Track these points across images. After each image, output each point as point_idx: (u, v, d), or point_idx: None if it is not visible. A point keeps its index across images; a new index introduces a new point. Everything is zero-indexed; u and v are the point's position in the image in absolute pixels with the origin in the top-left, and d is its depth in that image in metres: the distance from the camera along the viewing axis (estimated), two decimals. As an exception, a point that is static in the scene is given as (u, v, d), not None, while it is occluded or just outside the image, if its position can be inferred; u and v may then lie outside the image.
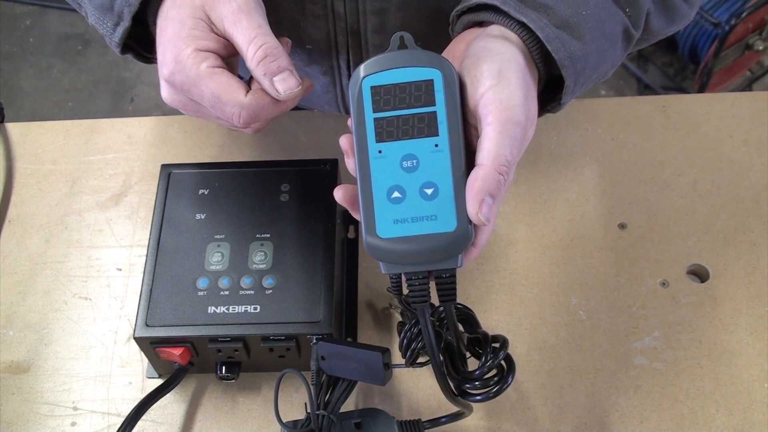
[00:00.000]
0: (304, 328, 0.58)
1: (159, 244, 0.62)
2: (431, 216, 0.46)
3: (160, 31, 0.52)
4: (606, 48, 0.53)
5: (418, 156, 0.46)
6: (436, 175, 0.46)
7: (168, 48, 0.50)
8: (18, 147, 0.79)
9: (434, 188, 0.46)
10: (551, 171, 0.75)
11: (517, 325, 0.67)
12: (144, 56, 0.59)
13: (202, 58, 0.50)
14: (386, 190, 0.46)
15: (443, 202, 0.46)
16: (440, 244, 0.45)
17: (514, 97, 0.46)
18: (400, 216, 0.46)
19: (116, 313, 0.68)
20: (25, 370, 0.65)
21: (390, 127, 0.47)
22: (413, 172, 0.46)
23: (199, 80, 0.49)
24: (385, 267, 0.47)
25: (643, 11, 0.55)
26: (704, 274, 0.69)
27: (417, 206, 0.46)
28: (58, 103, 2.04)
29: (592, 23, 0.51)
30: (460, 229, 0.45)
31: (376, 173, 0.46)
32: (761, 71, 1.99)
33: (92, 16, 0.56)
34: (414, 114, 0.47)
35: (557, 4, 0.50)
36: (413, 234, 0.46)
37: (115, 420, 0.63)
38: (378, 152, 0.47)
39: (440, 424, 0.58)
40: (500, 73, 0.46)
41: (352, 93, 0.47)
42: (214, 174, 0.66)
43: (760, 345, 0.65)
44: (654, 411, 0.62)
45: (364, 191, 0.46)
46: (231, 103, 0.50)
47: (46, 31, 2.18)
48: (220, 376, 0.62)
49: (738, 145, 0.77)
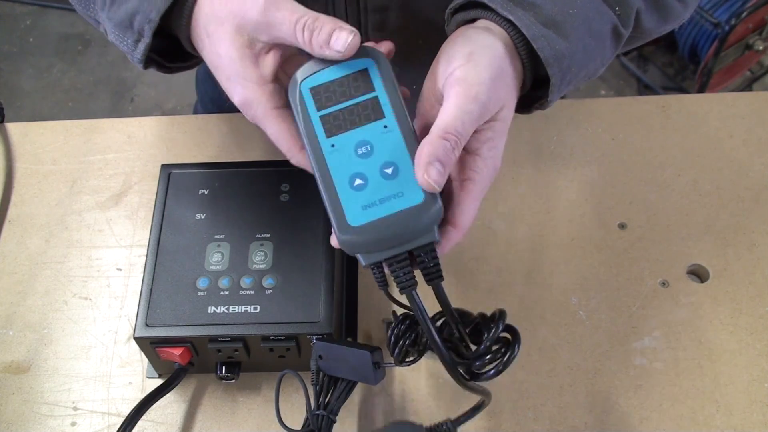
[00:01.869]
0: (303, 328, 0.58)
1: (159, 244, 0.62)
2: (397, 194, 0.47)
3: (212, 64, 0.52)
4: (593, 46, 0.53)
5: (370, 140, 0.48)
6: (392, 154, 0.47)
7: (233, 85, 0.51)
8: (18, 147, 0.79)
9: (393, 166, 0.47)
10: (551, 171, 0.75)
11: (517, 325, 0.66)
12: (166, 67, 0.59)
13: (269, 97, 0.51)
14: (347, 179, 0.47)
15: (405, 177, 0.47)
16: (412, 218, 0.46)
17: (478, 76, 0.47)
18: (367, 201, 0.47)
19: (116, 313, 0.68)
20: (25, 370, 0.65)
21: (337, 120, 0.48)
22: (369, 156, 0.47)
23: (264, 120, 0.52)
24: (364, 259, 0.47)
25: (633, 9, 0.55)
26: (704, 274, 0.69)
27: (381, 187, 0.47)
28: (58, 103, 2.04)
29: (578, 21, 0.51)
30: (428, 198, 0.46)
31: (334, 166, 0.47)
32: (761, 71, 1.99)
33: (112, 33, 0.56)
34: (357, 103, 0.48)
35: (544, 2, 0.51)
36: (384, 215, 0.46)
37: (115, 420, 0.63)
38: (331, 146, 0.48)
39: (466, 420, 0.56)
40: (471, 54, 0.48)
41: (292, 99, 0.49)
42: (214, 174, 0.66)
43: (760, 345, 0.65)
44: (654, 411, 0.62)
45: (327, 186, 0.47)
46: (285, 148, 0.52)
47: (46, 31, 2.18)
48: (220, 376, 0.62)
49: (738, 145, 0.77)
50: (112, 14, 0.55)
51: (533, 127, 0.78)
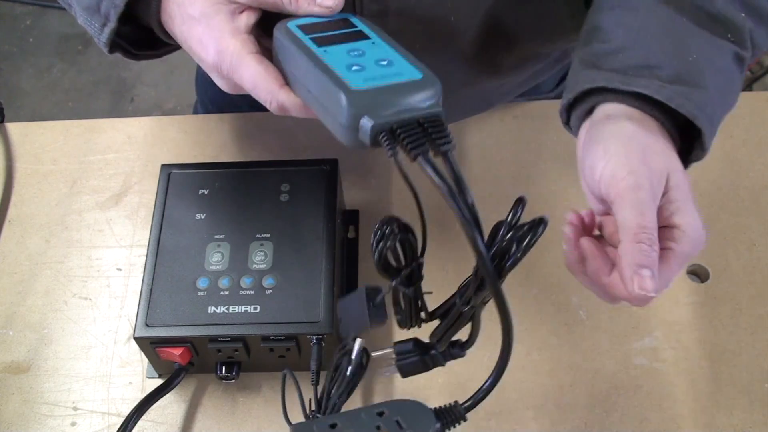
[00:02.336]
0: (303, 328, 0.58)
1: (159, 244, 0.62)
2: (396, 73, 0.46)
3: (184, 33, 0.53)
4: (724, 81, 0.53)
5: (360, 47, 0.49)
6: (384, 54, 0.48)
7: (206, 42, 0.52)
8: (18, 147, 0.79)
9: (387, 60, 0.47)
10: (551, 171, 0.75)
11: (517, 325, 0.66)
12: (132, 53, 0.60)
13: (243, 43, 0.51)
14: (344, 66, 0.47)
15: (402, 65, 0.47)
16: (415, 87, 0.45)
17: (621, 166, 0.46)
18: (367, 76, 0.46)
19: (116, 313, 0.68)
20: (25, 370, 0.65)
21: (326, 39, 0.49)
22: (362, 57, 0.48)
23: (240, 65, 0.51)
24: (372, 118, 0.43)
25: (746, 30, 0.54)
26: (704, 274, 0.69)
27: (379, 70, 0.47)
28: (58, 103, 2.04)
29: (703, 65, 0.51)
30: (427, 76, 0.46)
31: (330, 59, 0.47)
32: (761, 71, 1.99)
33: (81, 16, 0.57)
34: (343, 32, 0.50)
35: (662, 62, 0.50)
36: (386, 83, 0.45)
37: (115, 420, 0.63)
38: (324, 51, 0.48)
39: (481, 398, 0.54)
40: (605, 151, 0.47)
41: (279, 33, 0.50)
42: (214, 174, 0.66)
43: (760, 345, 0.65)
44: (654, 411, 0.62)
45: (324, 71, 0.46)
46: (266, 90, 0.51)
47: (46, 31, 2.18)
48: (220, 376, 0.62)
49: (738, 145, 0.76)
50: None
51: (534, 128, 0.78)
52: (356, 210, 0.73)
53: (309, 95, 0.49)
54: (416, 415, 0.50)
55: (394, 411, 0.49)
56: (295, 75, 0.50)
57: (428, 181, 0.42)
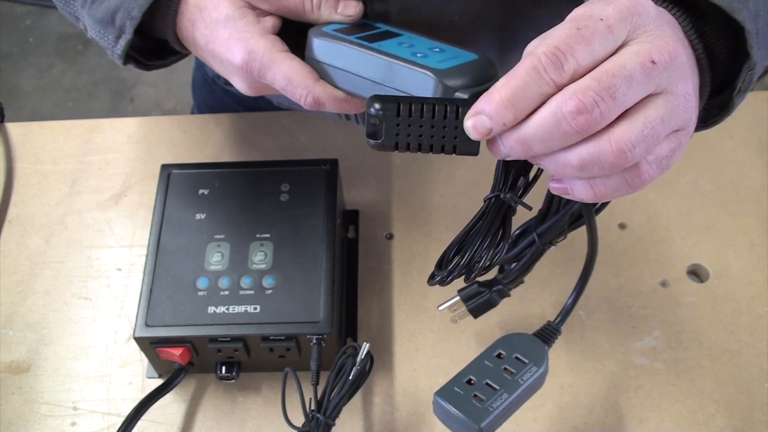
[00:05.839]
0: (303, 328, 0.58)
1: (159, 244, 0.62)
2: (456, 56, 0.48)
3: (207, 37, 0.53)
4: None
5: (406, 41, 0.50)
6: (431, 45, 0.50)
7: (233, 44, 0.52)
8: (18, 147, 0.79)
9: (439, 48, 0.49)
10: (551, 171, 0.75)
11: (518, 325, 0.67)
12: (144, 64, 0.60)
13: (272, 43, 0.52)
14: (410, 54, 0.48)
15: (452, 51, 0.49)
16: (481, 64, 0.48)
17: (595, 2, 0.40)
18: (435, 60, 0.47)
19: (116, 313, 0.68)
20: (25, 370, 0.65)
21: (370, 38, 0.51)
22: (415, 47, 0.49)
23: (272, 63, 0.51)
24: (466, 96, 0.43)
25: None
26: (704, 274, 0.69)
27: (440, 57, 0.48)
28: (58, 103, 2.04)
29: None
30: (482, 56, 0.49)
31: (392, 50, 0.48)
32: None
33: (92, 29, 0.57)
34: (378, 32, 0.52)
35: None
36: (459, 63, 0.47)
37: (115, 420, 0.63)
38: (379, 45, 0.50)
39: (567, 313, 0.56)
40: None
41: (317, 37, 0.51)
42: (214, 174, 0.66)
43: (760, 345, 0.65)
44: (654, 411, 0.62)
45: (394, 58, 0.48)
46: (302, 84, 0.52)
47: (46, 31, 2.18)
48: (220, 376, 0.62)
49: (738, 145, 0.77)
50: (93, 11, 0.56)
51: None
52: (356, 210, 0.73)
53: (373, 87, 0.49)
54: (527, 346, 0.53)
55: (508, 349, 0.52)
56: (346, 72, 0.51)
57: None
